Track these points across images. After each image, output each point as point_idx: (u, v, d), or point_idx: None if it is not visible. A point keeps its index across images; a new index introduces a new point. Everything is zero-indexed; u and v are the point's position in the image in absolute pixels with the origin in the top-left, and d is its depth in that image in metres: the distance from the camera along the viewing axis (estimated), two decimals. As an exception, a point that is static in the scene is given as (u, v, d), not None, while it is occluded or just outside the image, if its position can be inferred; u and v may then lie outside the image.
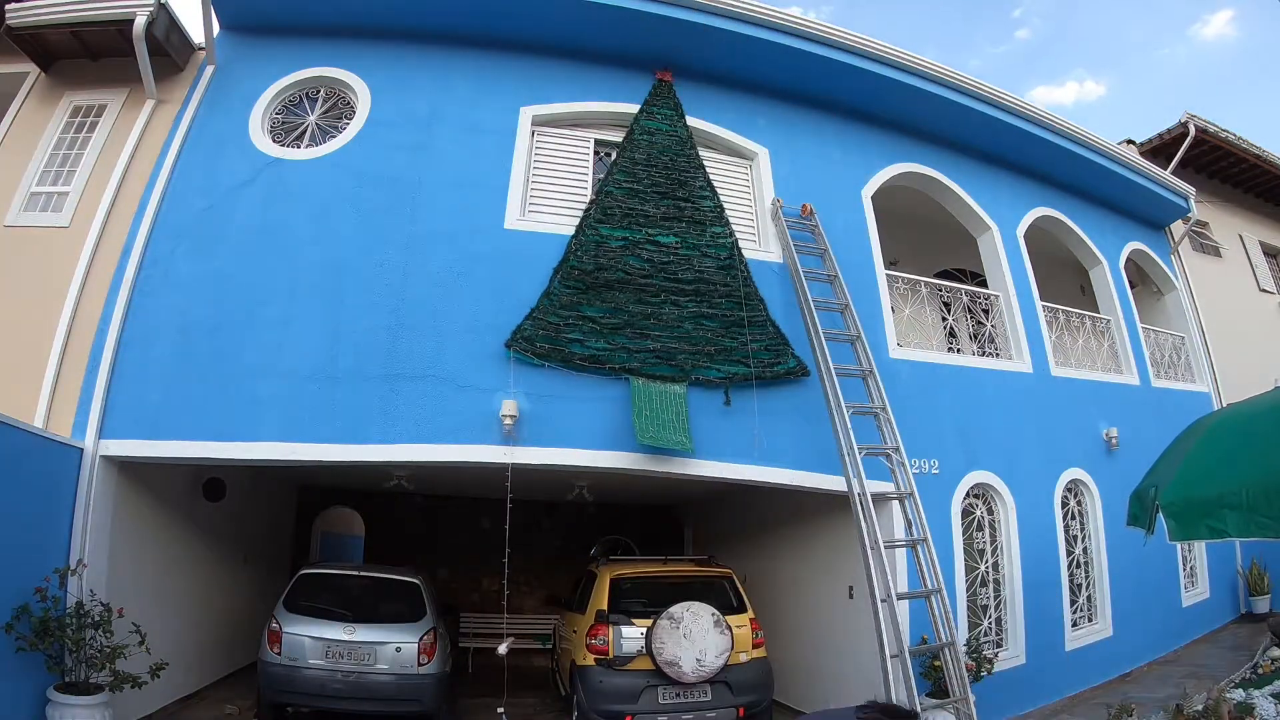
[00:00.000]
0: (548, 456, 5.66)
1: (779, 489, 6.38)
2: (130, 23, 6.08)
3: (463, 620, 9.74)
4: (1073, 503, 7.86)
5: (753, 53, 7.16)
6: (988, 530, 7.14)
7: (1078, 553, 7.73)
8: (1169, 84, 55.52)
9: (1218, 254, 11.52)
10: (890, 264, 7.75)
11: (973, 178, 8.46)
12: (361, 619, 6.14)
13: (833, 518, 6.77)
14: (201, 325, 5.66)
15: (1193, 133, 10.44)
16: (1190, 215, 10.43)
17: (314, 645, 5.92)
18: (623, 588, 6.26)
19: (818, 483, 6.18)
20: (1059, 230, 9.29)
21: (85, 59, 6.66)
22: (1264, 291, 11.86)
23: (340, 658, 5.92)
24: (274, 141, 6.48)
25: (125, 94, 6.51)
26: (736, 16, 6.90)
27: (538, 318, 5.90)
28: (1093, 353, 8.83)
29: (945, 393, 7.11)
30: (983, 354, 7.94)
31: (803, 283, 6.50)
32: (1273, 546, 8.72)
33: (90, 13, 6.21)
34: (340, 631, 6.00)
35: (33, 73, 6.73)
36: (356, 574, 6.80)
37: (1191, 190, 10.27)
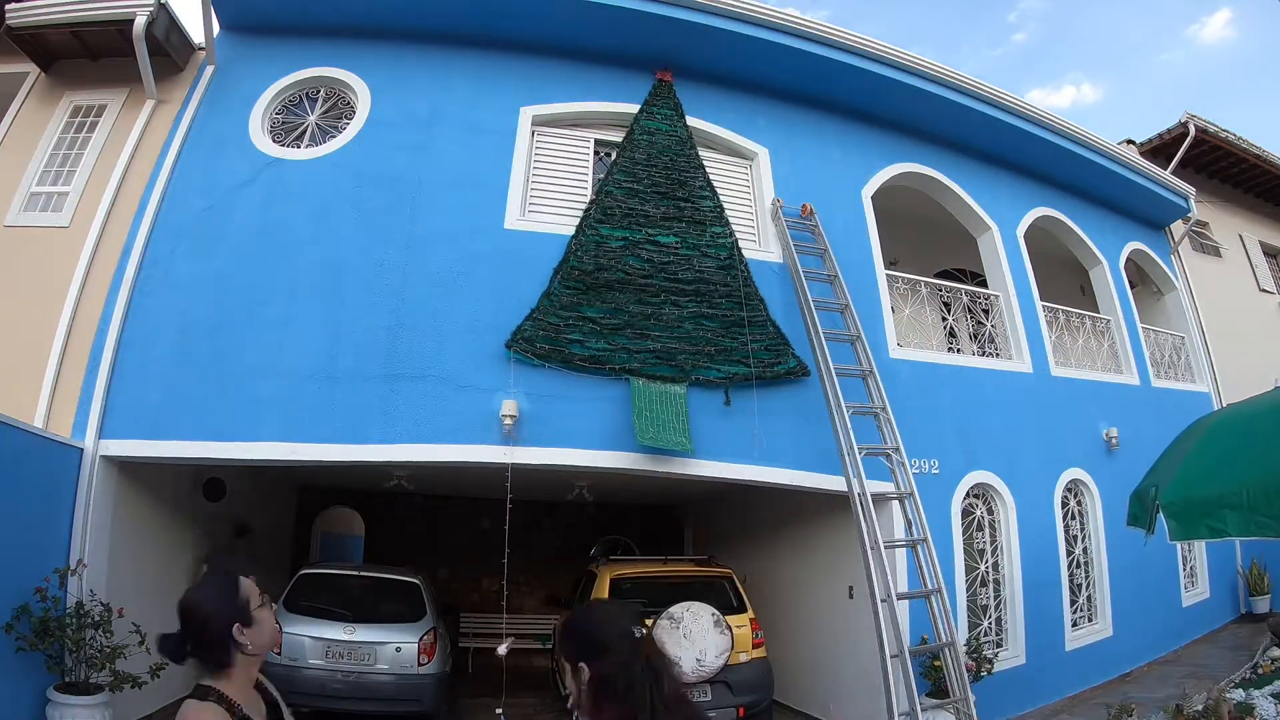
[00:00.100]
0: (548, 456, 5.66)
1: (779, 489, 6.38)
2: (130, 23, 6.08)
3: (463, 620, 9.75)
4: (1073, 503, 7.86)
5: (753, 53, 7.16)
6: (988, 530, 7.14)
7: (1078, 553, 7.73)
8: (1167, 87, 55.60)
9: (1218, 254, 11.52)
10: (890, 264, 7.75)
11: (973, 178, 8.46)
12: (361, 619, 6.15)
13: (833, 518, 6.77)
14: (201, 325, 5.66)
15: (1193, 133, 10.43)
16: (1190, 215, 10.42)
17: (314, 645, 5.93)
18: (623, 588, 6.27)
19: (818, 483, 6.18)
20: (1059, 230, 9.28)
21: (85, 59, 6.66)
22: (1264, 291, 11.84)
23: (340, 658, 5.92)
24: (274, 141, 6.48)
25: (125, 94, 6.50)
26: (736, 16, 6.90)
27: (538, 318, 5.90)
28: (1093, 353, 8.83)
29: (945, 393, 7.11)
30: (983, 354, 7.93)
31: (803, 283, 6.49)
32: (1273, 546, 8.72)
33: (90, 13, 6.21)
34: (340, 631, 6.01)
35: (33, 73, 6.73)
36: (356, 574, 6.80)
37: (1191, 190, 10.27)
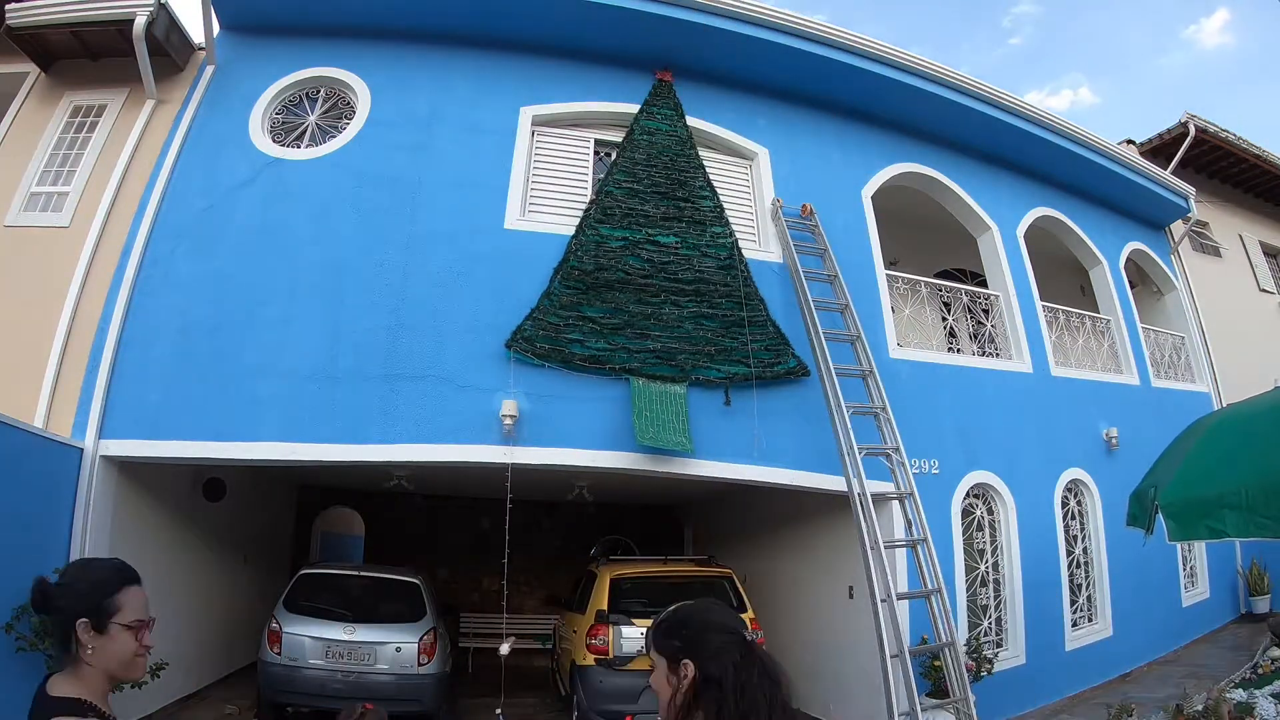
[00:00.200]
0: (548, 456, 5.66)
1: (779, 489, 6.38)
2: (130, 23, 6.07)
3: (463, 620, 9.74)
4: (1073, 503, 7.86)
5: (753, 53, 7.16)
6: (988, 530, 7.14)
7: (1078, 553, 7.73)
8: (1165, 89, 55.59)
9: (1218, 254, 11.51)
10: (890, 264, 7.74)
11: (973, 178, 8.46)
12: (361, 619, 6.15)
13: (833, 518, 6.78)
14: (201, 325, 5.66)
15: (1193, 133, 10.43)
16: (1190, 215, 10.43)
17: (314, 645, 5.93)
18: (623, 588, 6.26)
19: (818, 483, 6.18)
20: (1059, 230, 9.28)
21: (85, 59, 6.65)
22: (1264, 291, 11.85)
23: (340, 658, 5.92)
24: (274, 141, 6.48)
25: (125, 94, 6.50)
26: (736, 16, 6.90)
27: (538, 318, 5.90)
28: (1093, 353, 8.83)
29: (945, 393, 7.11)
30: (983, 354, 7.93)
31: (803, 283, 6.49)
32: (1273, 546, 8.72)
33: (90, 13, 6.20)
34: (340, 631, 6.01)
35: (33, 73, 6.72)
36: (356, 574, 6.80)
37: (1191, 190, 10.27)
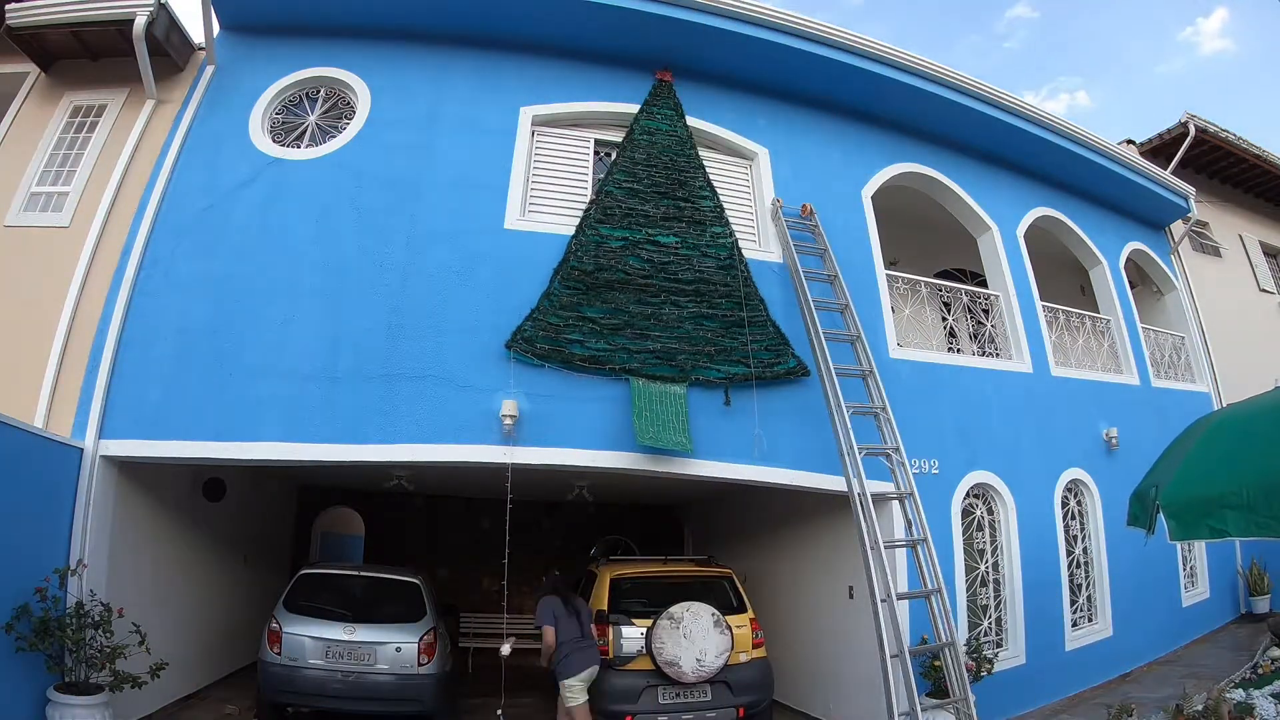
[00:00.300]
0: (548, 456, 5.66)
1: (779, 489, 6.38)
2: (130, 23, 6.08)
3: (463, 620, 9.75)
4: (1073, 503, 7.86)
5: (753, 53, 7.16)
6: (988, 530, 7.14)
7: (1078, 553, 7.73)
8: (1164, 91, 55.56)
9: (1218, 254, 11.52)
10: (890, 264, 7.74)
11: (973, 178, 8.46)
12: (361, 619, 6.14)
13: (833, 518, 6.78)
14: (201, 325, 5.66)
15: (1193, 132, 10.44)
16: (1190, 215, 10.43)
17: (314, 645, 5.91)
18: (623, 588, 6.25)
19: (818, 483, 6.18)
20: (1059, 230, 9.29)
21: (85, 59, 6.66)
22: (1264, 291, 11.85)
23: (340, 658, 5.91)
24: (274, 141, 6.48)
25: (125, 94, 6.50)
26: (736, 16, 6.90)
27: (538, 318, 5.90)
28: (1093, 353, 8.83)
29: (945, 393, 7.11)
30: (983, 354, 7.93)
31: (803, 283, 6.49)
32: (1273, 546, 8.73)
33: (90, 13, 6.21)
34: (340, 631, 6.00)
35: (33, 73, 6.73)
36: (356, 574, 6.79)
37: (1191, 190, 10.27)
